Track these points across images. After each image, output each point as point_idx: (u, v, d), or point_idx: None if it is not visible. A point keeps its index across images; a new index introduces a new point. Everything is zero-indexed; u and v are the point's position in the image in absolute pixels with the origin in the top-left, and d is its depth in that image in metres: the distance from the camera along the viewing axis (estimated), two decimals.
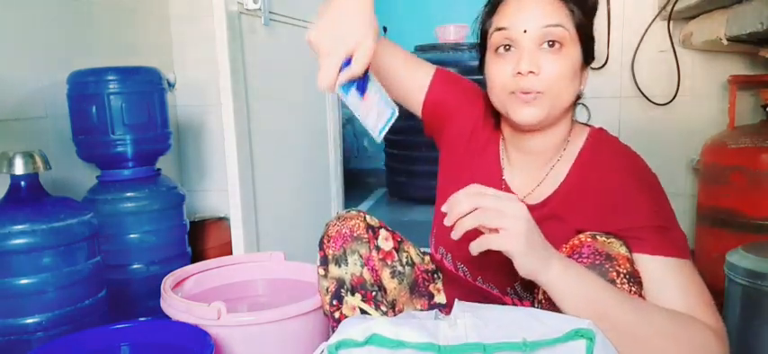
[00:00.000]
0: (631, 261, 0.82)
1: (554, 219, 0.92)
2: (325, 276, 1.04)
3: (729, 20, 1.59)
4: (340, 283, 1.03)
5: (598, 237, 0.84)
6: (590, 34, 0.92)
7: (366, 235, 1.04)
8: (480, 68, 0.98)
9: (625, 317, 0.74)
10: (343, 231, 1.03)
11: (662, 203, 0.88)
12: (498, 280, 0.98)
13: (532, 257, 0.74)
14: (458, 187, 0.96)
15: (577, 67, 0.89)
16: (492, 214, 0.73)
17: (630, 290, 0.79)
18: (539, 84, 0.86)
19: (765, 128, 1.69)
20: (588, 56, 0.92)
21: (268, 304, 1.50)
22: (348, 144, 4.41)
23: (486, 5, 0.96)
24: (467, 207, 0.74)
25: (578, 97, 0.94)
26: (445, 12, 4.08)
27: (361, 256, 1.02)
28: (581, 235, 0.86)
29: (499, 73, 0.89)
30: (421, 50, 3.38)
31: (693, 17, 1.89)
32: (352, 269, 1.02)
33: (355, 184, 4.19)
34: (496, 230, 0.73)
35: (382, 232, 1.07)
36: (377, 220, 1.08)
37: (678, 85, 1.99)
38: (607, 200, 0.88)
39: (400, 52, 1.05)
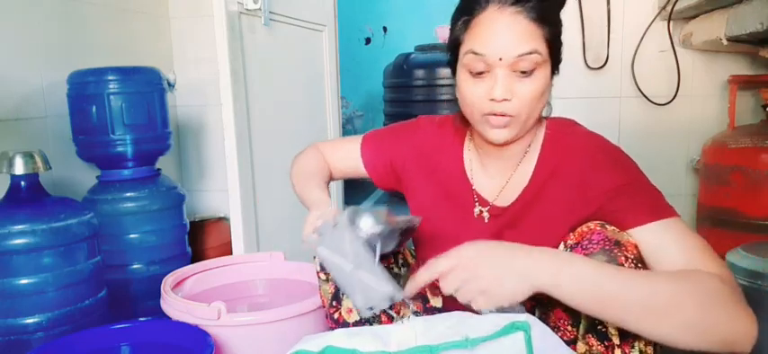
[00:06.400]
0: (638, 247, 0.83)
1: (520, 224, 0.96)
2: (327, 280, 1.05)
3: (729, 20, 1.59)
4: (338, 286, 1.03)
5: (607, 226, 0.86)
6: (560, 44, 0.90)
7: None
8: (452, 70, 0.98)
9: (636, 294, 0.74)
10: None
11: (629, 166, 0.90)
12: None
13: (514, 288, 0.77)
14: (432, 214, 1.03)
15: (548, 83, 0.89)
16: (464, 292, 0.78)
17: None
18: (512, 109, 0.86)
19: (765, 128, 1.69)
20: (557, 65, 0.92)
21: (268, 304, 1.50)
22: None
23: (459, 14, 0.93)
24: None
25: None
26: (445, 12, 4.05)
27: None
28: (590, 224, 0.88)
29: (473, 95, 0.89)
30: (421, 50, 3.37)
31: (693, 17, 1.89)
32: None
33: (355, 184, 4.19)
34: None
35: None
36: None
37: (678, 85, 1.99)
38: (575, 180, 0.91)
39: (336, 164, 1.17)
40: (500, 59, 0.84)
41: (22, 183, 1.26)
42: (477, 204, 1.00)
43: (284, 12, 1.93)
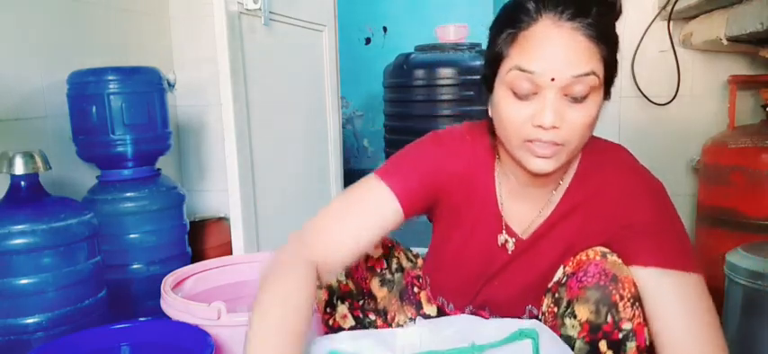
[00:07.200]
0: (637, 286, 0.79)
1: (534, 248, 0.90)
2: (320, 286, 1.02)
3: (729, 20, 1.59)
4: (331, 291, 1.02)
5: (608, 256, 0.81)
6: (615, 64, 0.80)
7: None
8: (486, 87, 0.86)
9: None
10: None
11: (660, 208, 0.83)
12: (510, 312, 0.95)
13: None
14: (458, 237, 0.94)
15: (600, 110, 0.79)
16: None
17: (634, 313, 0.77)
18: (560, 137, 0.76)
19: (765, 128, 1.69)
20: (609, 88, 0.81)
21: None
22: (348, 144, 4.41)
23: (501, 25, 0.80)
24: None
25: None
26: (445, 12, 4.08)
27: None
28: (589, 251, 0.83)
29: (515, 118, 0.78)
30: (421, 50, 3.37)
31: (693, 17, 1.89)
32: (339, 276, 1.00)
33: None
34: None
35: None
36: None
37: (678, 85, 1.99)
38: (606, 201, 0.85)
39: (350, 243, 0.87)
40: (552, 80, 0.74)
41: (22, 183, 1.26)
42: (503, 232, 0.92)
43: (284, 12, 1.93)
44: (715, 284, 1.43)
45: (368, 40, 4.41)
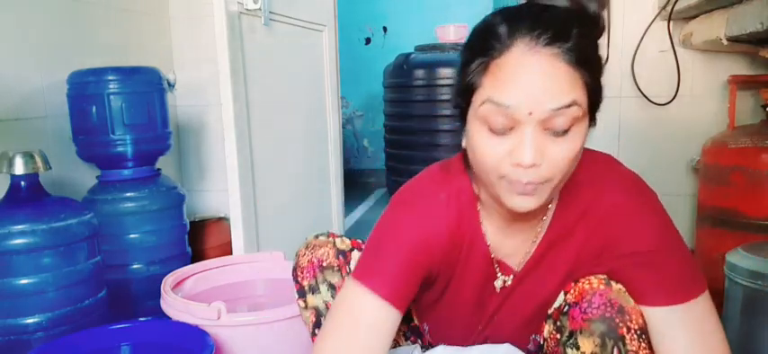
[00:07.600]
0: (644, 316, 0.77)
1: (528, 278, 0.86)
2: (306, 307, 1.02)
3: (729, 20, 1.59)
4: (318, 312, 1.01)
5: (613, 284, 0.78)
6: (600, 89, 0.73)
7: (337, 262, 0.99)
8: (461, 118, 0.78)
9: None
10: (313, 260, 1.00)
11: (657, 229, 0.79)
12: (516, 345, 0.93)
13: None
14: (453, 292, 0.90)
15: (584, 141, 0.72)
16: None
17: (640, 346, 0.75)
18: (541, 175, 0.69)
19: (765, 128, 1.69)
20: (594, 116, 0.74)
21: (268, 304, 1.50)
22: (348, 144, 4.41)
23: (472, 53, 0.73)
24: None
25: None
26: (445, 12, 4.08)
27: (331, 285, 0.99)
28: (593, 279, 0.79)
29: (491, 155, 0.71)
30: (421, 50, 3.37)
31: (693, 17, 1.89)
32: (324, 297, 0.99)
33: (355, 184, 4.18)
34: None
35: (354, 254, 1.00)
36: (348, 242, 1.02)
37: (678, 85, 1.99)
38: (601, 221, 0.80)
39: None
40: (530, 114, 0.66)
41: (22, 183, 1.26)
42: (499, 274, 0.88)
43: (284, 12, 1.93)
44: (715, 284, 1.43)
45: (368, 40, 4.41)
